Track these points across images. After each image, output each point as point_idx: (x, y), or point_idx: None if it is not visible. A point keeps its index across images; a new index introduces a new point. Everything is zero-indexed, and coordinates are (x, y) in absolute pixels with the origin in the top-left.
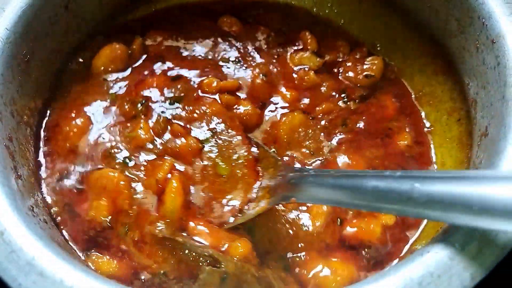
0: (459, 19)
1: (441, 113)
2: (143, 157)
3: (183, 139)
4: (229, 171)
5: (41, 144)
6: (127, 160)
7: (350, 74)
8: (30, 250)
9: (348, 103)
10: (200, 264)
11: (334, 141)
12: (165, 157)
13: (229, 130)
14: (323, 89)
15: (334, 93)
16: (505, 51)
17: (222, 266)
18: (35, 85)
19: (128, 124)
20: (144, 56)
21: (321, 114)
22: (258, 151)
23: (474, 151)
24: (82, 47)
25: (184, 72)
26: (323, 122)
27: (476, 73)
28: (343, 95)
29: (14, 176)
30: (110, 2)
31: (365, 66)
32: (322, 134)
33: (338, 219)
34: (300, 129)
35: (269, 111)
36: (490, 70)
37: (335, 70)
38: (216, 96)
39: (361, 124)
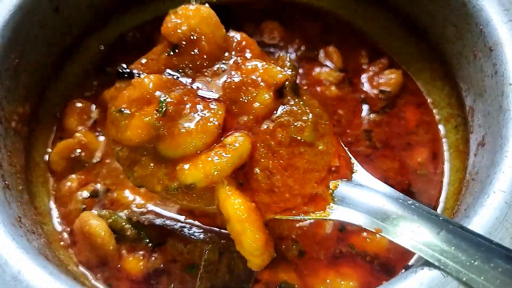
0: (457, 25)
1: (438, 118)
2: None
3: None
4: (313, 138)
5: None
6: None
7: (368, 86)
8: (16, 264)
9: (371, 115)
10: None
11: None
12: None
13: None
14: (345, 101)
15: (356, 105)
16: (503, 59)
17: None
18: (24, 90)
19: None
20: None
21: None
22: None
23: (470, 161)
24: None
25: None
26: (349, 139)
27: (474, 80)
28: (365, 107)
29: (1, 185)
30: (100, 4)
31: (381, 80)
32: None
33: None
34: None
35: None
36: (488, 78)
37: (356, 81)
38: None
39: (383, 137)
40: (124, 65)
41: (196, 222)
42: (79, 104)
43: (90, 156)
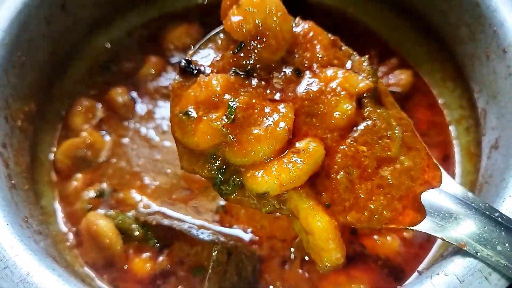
0: (470, 25)
1: (449, 120)
2: None
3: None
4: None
5: None
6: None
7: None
8: (24, 265)
9: None
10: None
11: None
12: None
13: None
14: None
15: None
16: None
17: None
18: (29, 87)
19: None
20: None
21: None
22: None
23: (483, 164)
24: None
25: None
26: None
27: (486, 82)
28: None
29: (8, 185)
30: (107, 1)
31: (391, 80)
32: None
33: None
34: None
35: None
36: (502, 80)
37: None
38: None
39: None
40: (187, 59)
41: (204, 223)
42: (84, 102)
43: (96, 155)
